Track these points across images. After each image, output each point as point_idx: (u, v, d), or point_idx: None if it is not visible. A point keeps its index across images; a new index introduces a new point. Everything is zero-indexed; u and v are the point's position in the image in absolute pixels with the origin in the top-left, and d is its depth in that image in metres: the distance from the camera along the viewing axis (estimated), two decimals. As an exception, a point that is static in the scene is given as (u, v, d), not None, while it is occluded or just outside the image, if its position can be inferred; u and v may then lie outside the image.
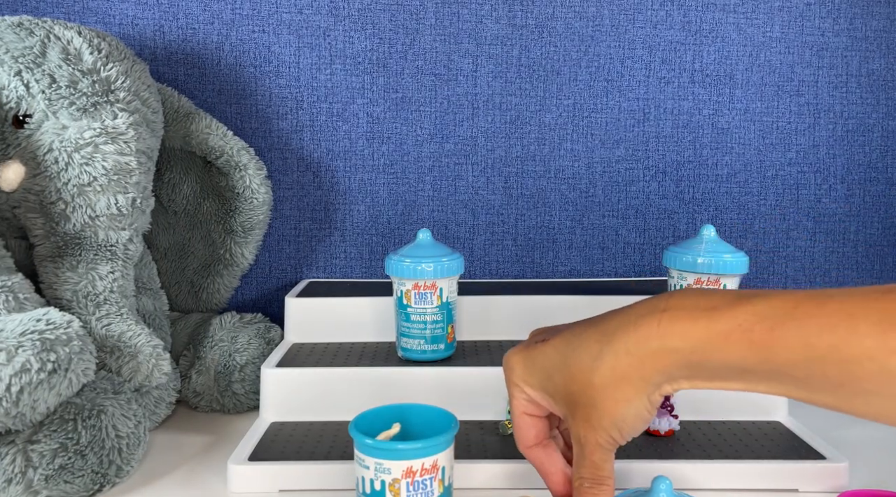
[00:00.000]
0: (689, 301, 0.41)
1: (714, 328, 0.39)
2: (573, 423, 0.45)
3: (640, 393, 0.42)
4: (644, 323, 0.42)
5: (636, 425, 0.44)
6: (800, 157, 0.95)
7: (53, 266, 0.67)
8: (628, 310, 0.43)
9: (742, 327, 0.39)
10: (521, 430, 0.49)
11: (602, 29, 0.92)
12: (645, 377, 0.42)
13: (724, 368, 0.40)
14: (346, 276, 0.96)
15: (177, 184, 0.87)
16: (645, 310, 0.42)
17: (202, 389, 0.78)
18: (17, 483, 0.56)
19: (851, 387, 0.36)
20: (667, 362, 0.41)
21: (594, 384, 0.43)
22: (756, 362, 0.38)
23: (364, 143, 0.93)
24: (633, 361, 0.42)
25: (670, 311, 0.41)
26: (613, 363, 0.42)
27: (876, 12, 0.92)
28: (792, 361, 0.37)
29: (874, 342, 0.35)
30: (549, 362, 0.46)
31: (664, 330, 0.41)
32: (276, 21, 0.90)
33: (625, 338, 0.42)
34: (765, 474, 0.61)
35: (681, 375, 0.41)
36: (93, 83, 0.67)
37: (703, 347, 0.40)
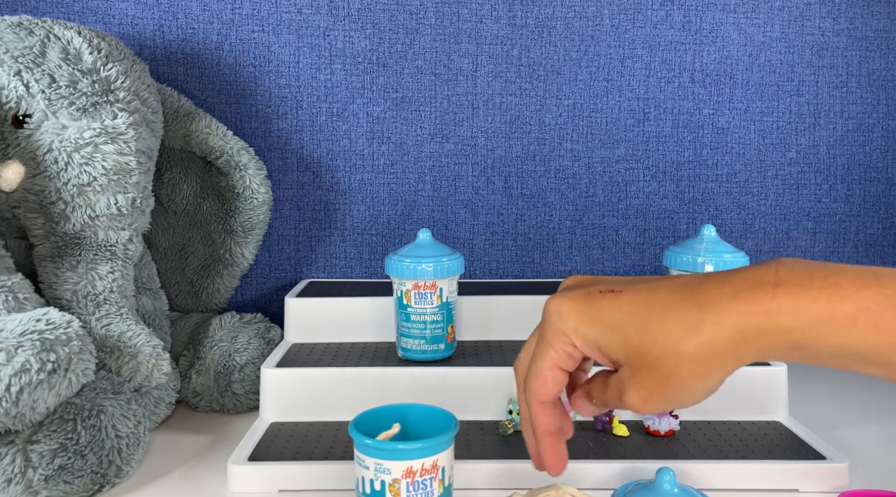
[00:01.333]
0: (802, 275, 0.38)
1: (838, 309, 0.36)
2: (628, 382, 0.41)
3: (724, 369, 0.39)
4: (754, 297, 0.38)
5: (696, 399, 0.41)
6: (800, 156, 0.95)
7: (53, 266, 0.67)
8: (726, 278, 0.40)
9: (871, 311, 0.35)
10: (546, 383, 0.45)
11: (602, 29, 0.92)
12: (740, 355, 0.38)
13: (838, 352, 0.37)
14: (346, 276, 0.96)
15: (177, 184, 0.87)
16: (750, 281, 0.38)
17: (202, 389, 0.78)
18: (17, 483, 0.56)
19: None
20: (773, 341, 0.38)
21: (682, 353, 0.39)
22: (881, 348, 0.35)
23: (364, 142, 0.93)
24: (735, 337, 0.38)
25: (784, 287, 0.37)
26: (713, 337, 0.38)
27: (876, 12, 0.92)
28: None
29: None
30: (621, 317, 0.42)
31: (778, 306, 0.37)
32: (275, 21, 0.90)
33: (732, 311, 0.38)
34: (765, 474, 0.61)
35: (779, 354, 0.38)
36: (92, 83, 0.67)
37: (820, 329, 0.36)
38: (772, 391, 0.70)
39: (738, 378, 0.70)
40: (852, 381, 0.87)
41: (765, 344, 0.38)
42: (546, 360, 0.44)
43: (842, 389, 0.85)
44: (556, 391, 0.45)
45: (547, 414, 0.46)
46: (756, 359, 0.39)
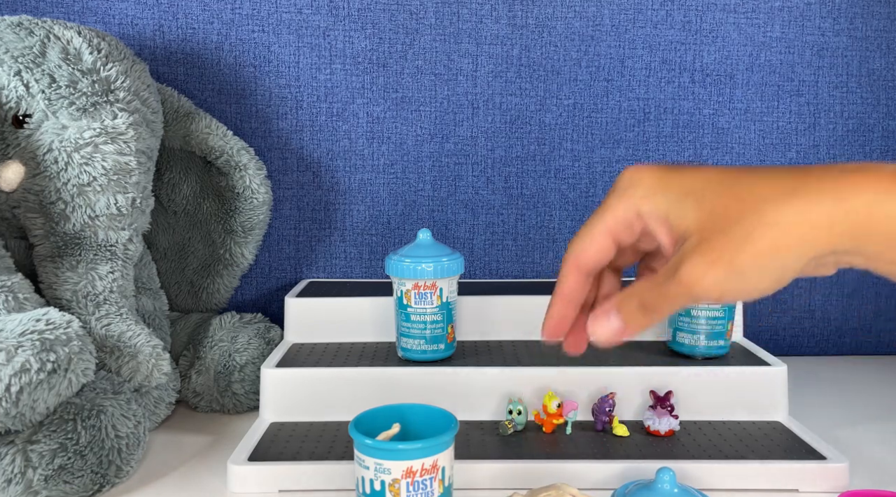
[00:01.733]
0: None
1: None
2: (693, 250, 0.36)
3: (807, 250, 0.34)
4: (861, 175, 0.34)
5: (762, 282, 0.35)
6: (800, 157, 0.95)
7: (53, 266, 0.67)
8: (830, 165, 0.36)
9: None
10: (590, 246, 0.40)
11: (602, 29, 0.92)
12: (832, 238, 0.34)
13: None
14: (346, 276, 0.95)
15: (176, 184, 0.87)
16: (855, 166, 0.35)
17: (202, 389, 0.78)
18: (17, 483, 0.56)
19: None
20: (875, 227, 0.33)
21: (766, 216, 0.35)
22: None
23: (364, 142, 0.93)
24: (835, 211, 0.34)
25: (884, 168, 0.34)
26: (808, 206, 0.34)
27: (876, 12, 0.92)
28: None
29: None
30: (701, 182, 0.38)
31: (889, 185, 0.33)
32: (275, 21, 0.90)
33: (835, 182, 0.34)
34: (765, 474, 0.61)
35: (864, 258, 0.34)
36: (92, 83, 0.67)
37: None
38: (772, 391, 0.70)
39: (738, 378, 0.70)
40: (852, 381, 0.87)
41: (865, 228, 0.34)
42: (600, 224, 0.40)
43: (842, 389, 0.85)
44: (596, 260, 0.41)
45: (576, 280, 0.42)
46: (838, 260, 0.35)
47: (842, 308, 0.97)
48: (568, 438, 0.66)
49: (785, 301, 0.97)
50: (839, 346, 0.98)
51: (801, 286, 0.97)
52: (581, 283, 0.42)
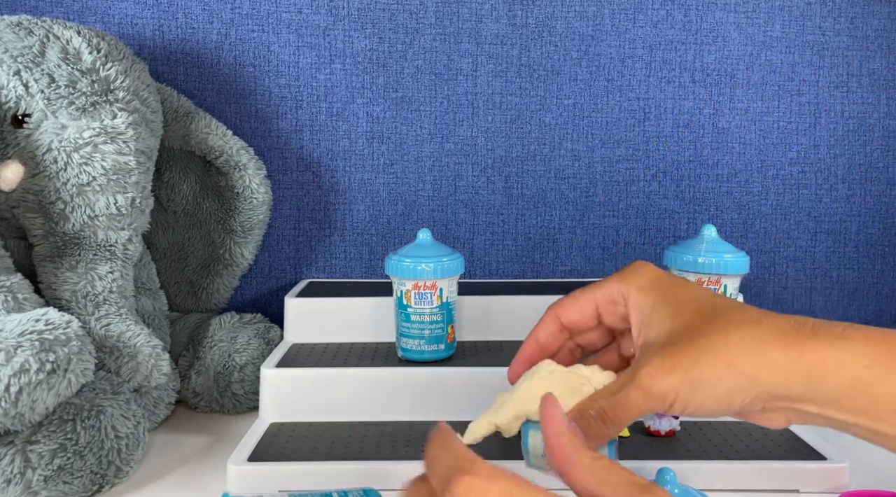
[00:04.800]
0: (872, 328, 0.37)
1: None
2: (655, 353, 0.38)
3: (760, 379, 0.36)
4: (825, 326, 0.36)
5: (711, 401, 0.37)
6: (800, 156, 0.94)
7: (52, 266, 0.67)
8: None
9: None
10: (573, 303, 0.44)
11: (602, 28, 0.92)
12: (787, 378, 0.36)
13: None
14: (346, 276, 0.95)
15: (176, 183, 0.87)
16: (821, 321, 0.37)
17: (201, 390, 0.78)
18: (16, 484, 0.56)
19: None
20: (829, 373, 0.35)
21: (730, 336, 0.37)
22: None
23: (364, 142, 0.93)
24: (794, 354, 0.36)
25: (856, 326, 0.36)
26: (770, 335, 0.36)
27: (877, 12, 0.92)
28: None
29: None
30: (687, 297, 0.40)
31: (847, 336, 0.35)
32: (275, 20, 0.90)
33: (797, 325, 0.37)
34: (765, 475, 0.61)
35: (816, 406, 0.36)
36: (92, 83, 0.67)
37: (891, 365, 0.35)
38: (772, 391, 0.70)
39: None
40: (853, 382, 0.87)
41: (818, 375, 0.35)
42: (589, 292, 0.44)
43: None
44: (576, 319, 0.44)
45: (553, 329, 0.45)
46: (792, 399, 0.36)
47: (842, 308, 0.97)
48: (568, 439, 0.66)
49: (786, 301, 0.97)
50: (839, 346, 0.98)
51: (801, 286, 0.97)
52: (556, 333, 0.45)
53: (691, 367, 0.37)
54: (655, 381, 0.37)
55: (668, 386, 0.37)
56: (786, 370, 0.36)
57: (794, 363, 0.36)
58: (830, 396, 0.36)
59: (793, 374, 0.36)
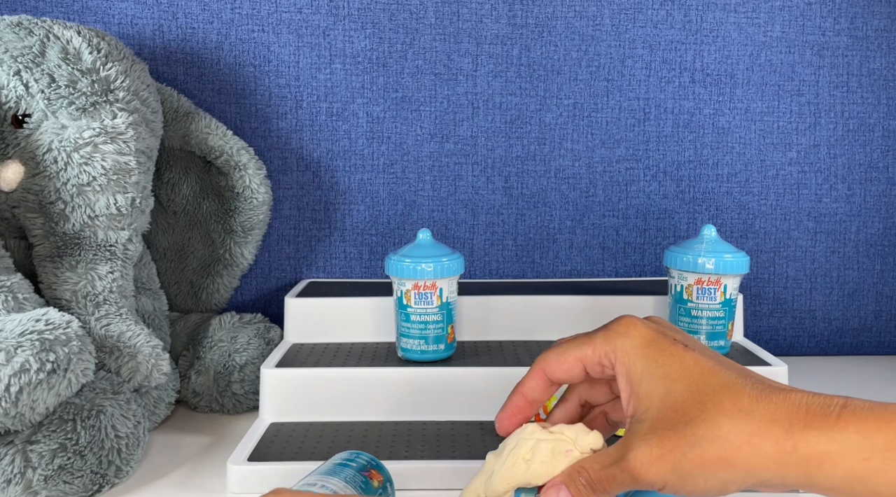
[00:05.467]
0: (868, 405, 0.36)
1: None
2: (643, 437, 0.38)
3: (753, 473, 0.36)
4: (819, 412, 0.36)
5: (702, 490, 0.37)
6: (800, 156, 0.94)
7: (53, 266, 0.67)
8: (795, 389, 0.38)
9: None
10: (561, 362, 0.43)
11: (602, 28, 0.92)
12: (781, 470, 0.35)
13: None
14: (346, 276, 0.95)
15: (176, 184, 0.87)
16: (819, 399, 0.37)
17: (201, 390, 0.78)
18: (17, 483, 0.56)
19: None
20: (825, 464, 0.34)
21: (720, 428, 0.36)
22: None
23: (364, 142, 0.93)
24: (783, 444, 0.35)
25: (851, 408, 0.36)
26: (760, 429, 0.36)
27: (877, 11, 0.92)
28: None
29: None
30: (678, 370, 0.39)
31: (842, 426, 0.35)
32: (275, 20, 0.90)
33: (790, 413, 0.36)
34: (765, 475, 0.61)
35: (819, 490, 0.35)
36: (92, 83, 0.67)
37: (885, 455, 0.34)
38: (772, 391, 0.70)
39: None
40: (852, 381, 0.87)
41: (815, 465, 0.35)
42: (577, 350, 0.43)
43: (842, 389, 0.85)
44: (562, 377, 0.44)
45: (538, 383, 0.45)
46: (788, 483, 0.35)
47: (842, 308, 0.97)
48: (568, 438, 0.66)
49: (785, 301, 0.97)
50: (839, 346, 0.98)
51: (801, 286, 0.97)
52: (542, 387, 0.45)
53: (680, 458, 0.37)
54: (643, 469, 0.37)
55: (656, 475, 0.37)
56: (779, 463, 0.35)
57: (788, 456, 0.35)
58: (829, 486, 0.35)
59: (788, 467, 0.35)
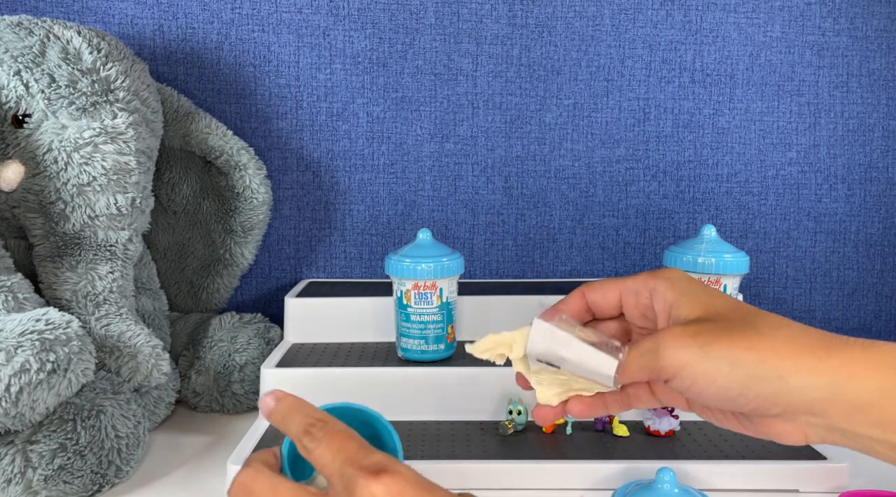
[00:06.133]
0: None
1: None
2: (683, 324, 0.38)
3: (781, 371, 0.35)
4: (854, 339, 0.36)
5: (726, 379, 0.36)
6: (800, 156, 0.94)
7: (53, 266, 0.67)
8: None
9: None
10: (601, 289, 0.43)
11: (602, 28, 0.92)
12: (812, 380, 0.34)
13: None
14: (346, 276, 0.95)
15: (176, 183, 0.87)
16: (854, 344, 0.36)
17: (202, 389, 0.78)
18: (17, 483, 0.56)
19: None
20: (853, 377, 0.34)
21: (759, 326, 0.36)
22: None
23: (364, 142, 0.93)
24: (816, 352, 0.35)
25: (884, 342, 0.35)
26: (798, 333, 0.36)
27: (876, 12, 0.92)
28: None
29: None
30: (717, 294, 0.39)
31: (877, 346, 0.35)
32: (275, 20, 0.90)
33: (826, 337, 0.36)
34: (765, 474, 0.61)
35: (838, 409, 0.35)
36: (92, 83, 0.67)
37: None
38: (772, 391, 0.70)
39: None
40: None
41: (845, 374, 0.34)
42: (621, 280, 0.43)
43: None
44: (599, 301, 0.44)
45: (576, 302, 0.45)
46: (813, 399, 0.35)
47: (842, 308, 0.97)
48: (568, 438, 0.66)
49: (785, 301, 0.97)
50: (839, 346, 0.98)
51: (801, 286, 0.97)
52: (579, 307, 0.45)
53: (712, 340, 0.36)
54: (671, 342, 0.36)
55: (683, 349, 0.36)
56: (812, 370, 0.35)
57: (822, 363, 0.34)
58: (856, 403, 0.34)
59: (819, 376, 0.35)
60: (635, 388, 0.44)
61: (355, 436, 0.37)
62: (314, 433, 0.37)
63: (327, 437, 0.37)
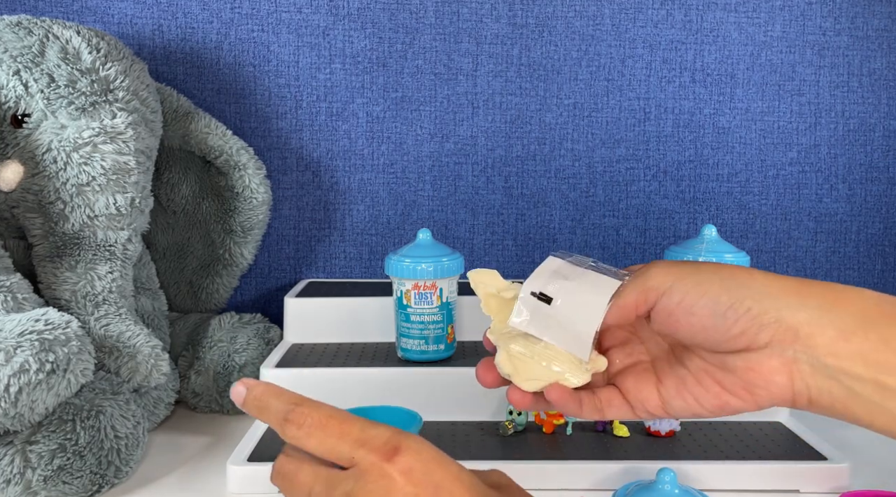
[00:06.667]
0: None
1: None
2: (659, 264, 0.38)
3: (767, 294, 0.35)
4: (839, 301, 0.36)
5: (703, 297, 0.36)
6: (801, 156, 0.94)
7: (52, 266, 0.67)
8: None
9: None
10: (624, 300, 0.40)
11: (603, 28, 0.92)
12: (790, 306, 0.35)
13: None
14: (346, 276, 0.95)
15: (176, 183, 0.87)
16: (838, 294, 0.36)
17: (201, 390, 0.78)
18: (16, 484, 0.55)
19: None
20: (837, 302, 0.35)
21: (750, 271, 0.37)
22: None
23: (364, 142, 0.93)
24: (801, 283, 0.36)
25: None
26: (776, 279, 0.36)
27: (877, 11, 0.92)
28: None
29: None
30: (706, 268, 0.39)
31: (855, 288, 0.36)
32: (275, 20, 0.90)
33: (804, 283, 0.37)
34: (766, 475, 0.61)
35: (824, 335, 0.35)
36: (91, 82, 0.67)
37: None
38: (773, 391, 0.70)
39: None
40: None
41: (829, 300, 0.35)
42: (621, 311, 0.40)
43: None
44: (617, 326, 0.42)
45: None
46: (802, 320, 0.35)
47: (842, 308, 0.97)
48: (568, 439, 0.66)
49: (785, 301, 0.97)
50: (840, 346, 0.98)
51: (801, 286, 0.96)
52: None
53: (699, 266, 0.37)
54: (663, 264, 0.37)
55: (668, 271, 0.37)
56: (798, 293, 0.35)
57: (807, 287, 0.35)
58: (841, 329, 0.35)
59: (805, 298, 0.35)
60: (608, 394, 0.43)
61: (348, 416, 0.37)
62: (297, 420, 0.37)
63: (318, 426, 0.36)
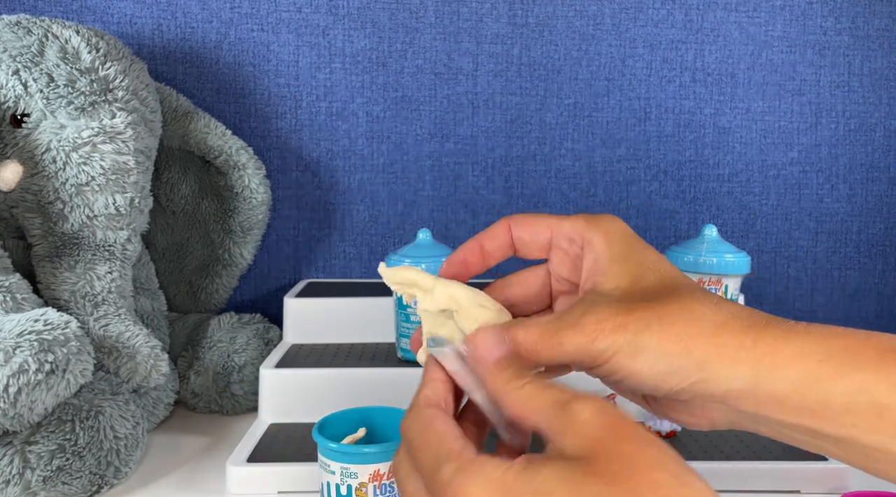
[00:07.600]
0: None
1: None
2: (606, 306, 0.35)
3: (701, 368, 0.33)
4: (782, 320, 0.35)
5: (649, 369, 0.34)
6: (802, 156, 0.94)
7: (51, 266, 0.67)
8: None
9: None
10: (534, 223, 0.40)
11: (603, 27, 0.91)
12: (738, 368, 0.33)
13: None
14: (346, 277, 0.95)
15: (175, 183, 0.87)
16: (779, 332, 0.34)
17: (201, 390, 0.78)
18: (15, 484, 0.55)
19: None
20: (776, 366, 0.33)
21: (693, 310, 0.34)
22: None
23: (364, 142, 0.93)
24: (741, 338, 0.33)
25: (816, 324, 0.34)
26: (732, 313, 0.34)
27: (878, 11, 0.92)
28: None
29: None
30: (654, 259, 0.37)
31: (804, 331, 0.34)
32: (275, 20, 0.90)
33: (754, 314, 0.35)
34: (766, 475, 0.61)
35: (756, 398, 0.34)
36: (91, 82, 0.67)
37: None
38: (773, 392, 0.70)
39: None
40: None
41: (766, 364, 0.33)
42: (555, 218, 0.39)
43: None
44: (525, 235, 0.41)
45: (500, 235, 0.42)
46: (731, 390, 0.34)
47: (843, 308, 0.97)
48: (568, 439, 0.66)
49: (786, 301, 0.97)
50: (840, 347, 0.98)
51: (802, 286, 0.96)
52: (503, 246, 0.42)
53: (643, 330, 0.34)
54: (601, 333, 0.34)
55: (613, 342, 0.34)
56: (734, 358, 0.33)
57: (746, 352, 0.33)
58: (775, 393, 0.33)
59: (741, 364, 0.33)
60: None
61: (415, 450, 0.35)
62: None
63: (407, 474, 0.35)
